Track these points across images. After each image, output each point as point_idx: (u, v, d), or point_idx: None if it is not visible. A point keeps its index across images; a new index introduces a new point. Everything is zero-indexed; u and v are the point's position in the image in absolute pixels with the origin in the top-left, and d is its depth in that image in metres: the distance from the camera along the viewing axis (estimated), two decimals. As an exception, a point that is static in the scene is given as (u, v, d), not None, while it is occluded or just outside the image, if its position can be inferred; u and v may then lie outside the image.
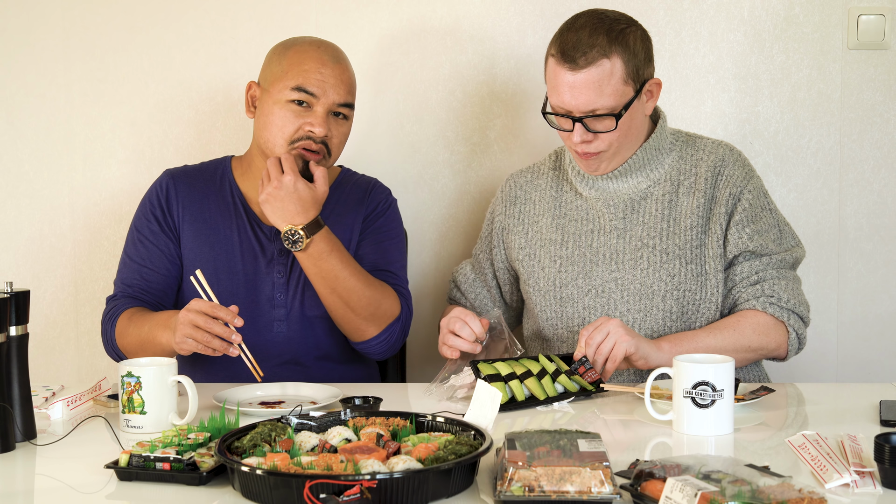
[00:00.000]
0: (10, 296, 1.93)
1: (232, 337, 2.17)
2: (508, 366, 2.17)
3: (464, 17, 2.96)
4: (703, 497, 1.45)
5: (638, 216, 2.45)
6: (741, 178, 2.42)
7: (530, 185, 2.60)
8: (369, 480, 1.54)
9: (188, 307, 2.19)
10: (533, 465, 1.58)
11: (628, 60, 2.31)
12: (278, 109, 2.42)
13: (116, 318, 2.44)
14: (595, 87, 2.29)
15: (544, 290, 2.49)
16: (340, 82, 2.44)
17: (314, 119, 2.41)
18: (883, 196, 2.96)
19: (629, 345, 2.18)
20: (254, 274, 2.50)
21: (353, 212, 2.57)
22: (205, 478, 1.70)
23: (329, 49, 2.48)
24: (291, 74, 2.41)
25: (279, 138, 2.42)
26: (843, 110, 2.94)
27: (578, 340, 2.22)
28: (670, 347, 2.27)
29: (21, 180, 3.07)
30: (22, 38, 3.03)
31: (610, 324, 2.20)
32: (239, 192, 2.56)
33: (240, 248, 2.51)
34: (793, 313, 2.36)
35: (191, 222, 2.52)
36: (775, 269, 2.38)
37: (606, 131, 2.33)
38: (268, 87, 2.46)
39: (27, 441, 1.94)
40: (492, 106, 2.99)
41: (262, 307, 2.49)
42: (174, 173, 2.60)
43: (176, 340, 2.21)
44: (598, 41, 2.29)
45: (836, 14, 2.91)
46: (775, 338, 2.36)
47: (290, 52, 2.46)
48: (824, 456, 1.70)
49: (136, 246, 2.53)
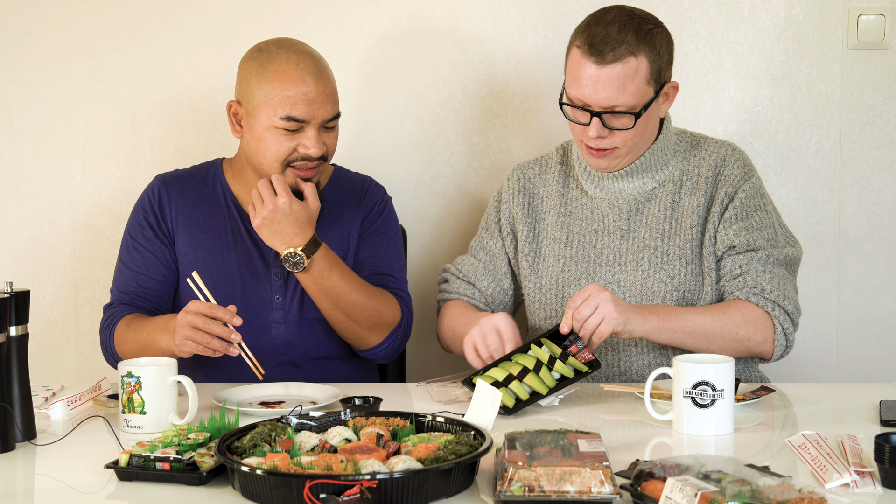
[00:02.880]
0: (10, 296, 1.93)
1: (231, 336, 2.17)
2: (503, 369, 2.15)
3: (464, 17, 2.96)
4: (703, 497, 1.45)
5: (641, 217, 2.45)
6: (739, 177, 2.42)
7: (538, 178, 2.58)
8: (369, 480, 1.54)
9: (186, 309, 2.19)
10: (533, 465, 1.58)
11: (653, 61, 2.31)
12: (269, 135, 2.38)
13: (114, 326, 2.43)
14: (619, 83, 2.29)
15: (546, 287, 2.49)
16: (326, 99, 2.39)
17: (307, 141, 2.38)
18: (883, 196, 2.96)
19: (617, 323, 2.15)
20: (251, 277, 2.49)
21: (350, 212, 2.57)
22: (205, 478, 1.70)
23: (308, 64, 2.39)
24: (276, 103, 2.35)
25: (274, 161, 2.40)
26: (843, 110, 2.94)
27: (565, 311, 2.18)
28: (657, 322, 2.24)
29: (21, 180, 3.07)
30: (22, 38, 3.03)
31: (600, 297, 2.16)
32: (232, 195, 2.54)
33: (235, 251, 2.50)
34: (777, 305, 2.31)
35: (185, 227, 2.51)
36: (761, 264, 2.34)
37: (623, 129, 2.32)
38: (252, 110, 2.39)
39: (27, 441, 1.94)
40: (492, 106, 2.99)
41: (261, 310, 2.48)
42: (165, 178, 2.58)
43: (175, 343, 2.20)
44: (627, 38, 2.29)
45: (836, 14, 2.91)
46: (762, 330, 2.30)
47: (268, 73, 2.37)
48: (824, 456, 1.70)
49: (131, 253, 2.51)
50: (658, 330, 2.23)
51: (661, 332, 2.23)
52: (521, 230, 2.54)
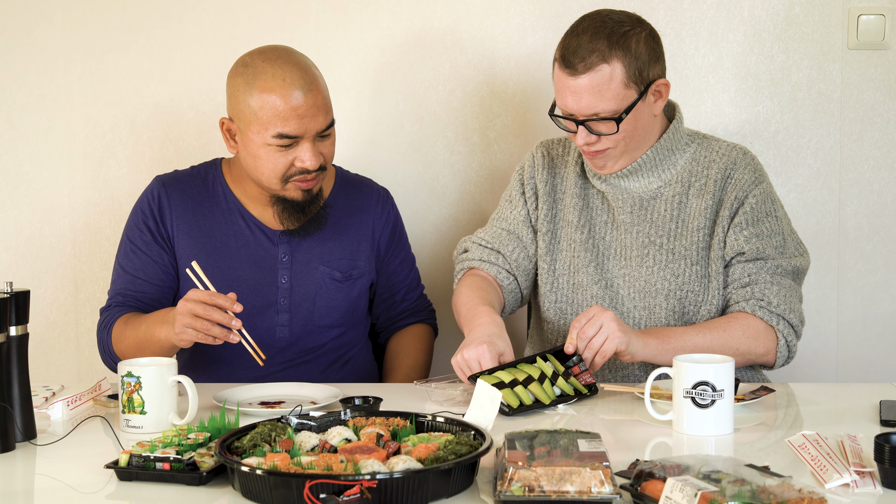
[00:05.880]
0: (10, 296, 1.93)
1: (231, 323, 2.15)
2: (509, 373, 2.16)
3: (464, 17, 2.96)
4: (703, 497, 1.45)
5: (647, 214, 2.45)
6: (749, 181, 2.41)
7: (560, 159, 2.57)
8: (369, 480, 1.54)
9: (186, 297, 2.17)
10: (533, 465, 1.58)
11: (629, 64, 2.30)
12: (263, 152, 2.36)
13: (111, 326, 2.42)
14: (595, 91, 2.30)
15: (559, 271, 2.49)
16: (318, 111, 2.35)
17: (303, 154, 2.36)
18: (883, 196, 2.96)
19: (620, 342, 2.17)
20: (255, 280, 2.47)
21: (357, 220, 2.57)
22: (205, 478, 1.70)
23: (295, 77, 2.34)
24: (266, 121, 2.32)
25: (273, 177, 2.38)
26: (843, 110, 2.94)
27: (570, 331, 2.20)
28: (657, 344, 2.25)
29: (21, 180, 3.07)
30: (22, 38, 3.03)
31: (603, 316, 2.18)
32: (233, 196, 2.52)
33: (238, 254, 2.48)
34: (782, 319, 2.32)
35: (186, 231, 2.49)
36: (769, 274, 2.35)
37: (609, 133, 2.33)
38: (244, 127, 2.37)
39: (27, 441, 1.94)
40: (492, 106, 2.99)
41: (266, 312, 2.47)
42: (165, 180, 2.55)
43: (175, 331, 2.19)
44: (597, 46, 2.29)
45: (836, 14, 2.91)
46: (764, 343, 2.32)
47: (254, 90, 2.33)
48: (824, 456, 1.70)
49: (129, 256, 2.50)
50: (659, 353, 2.24)
51: (662, 355, 2.24)
52: (542, 206, 2.53)
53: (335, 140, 2.45)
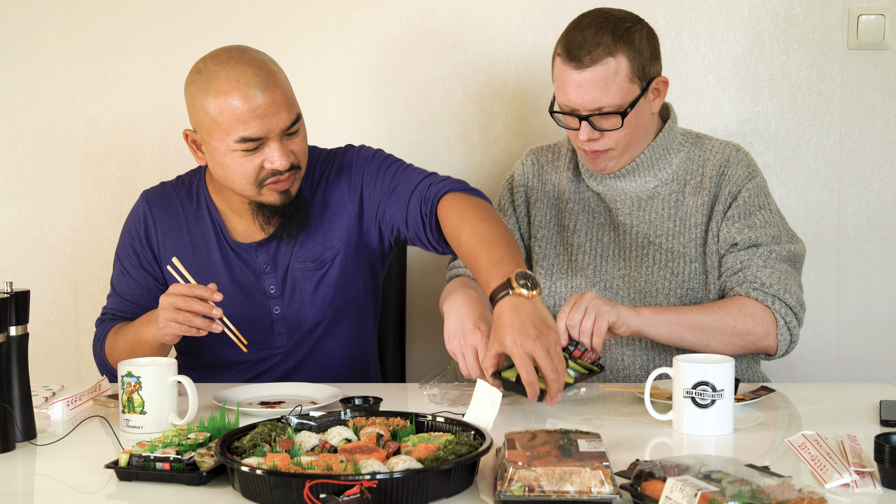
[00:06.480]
0: (10, 296, 1.93)
1: (213, 312, 2.14)
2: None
3: (464, 17, 2.96)
4: (703, 497, 1.45)
5: (644, 214, 2.45)
6: (743, 177, 2.42)
7: (551, 165, 2.58)
8: (369, 480, 1.54)
9: (167, 292, 2.17)
10: (533, 465, 1.58)
11: (633, 58, 2.31)
12: (230, 160, 2.26)
13: (104, 339, 2.43)
14: (601, 85, 2.30)
15: (556, 276, 2.49)
16: (279, 108, 2.23)
17: (272, 155, 2.25)
18: (883, 196, 2.96)
19: (610, 314, 2.16)
20: (244, 291, 2.42)
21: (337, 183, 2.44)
22: (205, 478, 1.70)
23: (249, 77, 2.22)
24: (228, 126, 2.22)
25: (245, 184, 2.29)
26: (843, 110, 2.94)
27: (557, 323, 2.12)
28: (650, 313, 2.24)
29: (21, 180, 3.07)
30: (22, 38, 3.03)
31: (585, 298, 2.16)
32: (214, 208, 2.44)
33: (224, 268, 2.42)
34: (777, 299, 2.30)
35: (173, 248, 2.43)
36: (762, 259, 2.34)
37: (613, 129, 2.33)
38: (206, 136, 2.27)
39: (27, 441, 1.94)
40: (492, 106, 2.99)
41: (261, 323, 2.43)
42: (149, 198, 2.48)
43: (159, 327, 2.18)
44: (603, 40, 2.30)
45: (836, 14, 2.91)
46: (763, 324, 2.29)
47: (209, 95, 2.23)
48: (824, 456, 1.70)
49: (119, 278, 2.48)
50: (653, 323, 2.23)
51: (656, 326, 2.23)
52: (534, 214, 2.54)
53: (306, 136, 2.34)
